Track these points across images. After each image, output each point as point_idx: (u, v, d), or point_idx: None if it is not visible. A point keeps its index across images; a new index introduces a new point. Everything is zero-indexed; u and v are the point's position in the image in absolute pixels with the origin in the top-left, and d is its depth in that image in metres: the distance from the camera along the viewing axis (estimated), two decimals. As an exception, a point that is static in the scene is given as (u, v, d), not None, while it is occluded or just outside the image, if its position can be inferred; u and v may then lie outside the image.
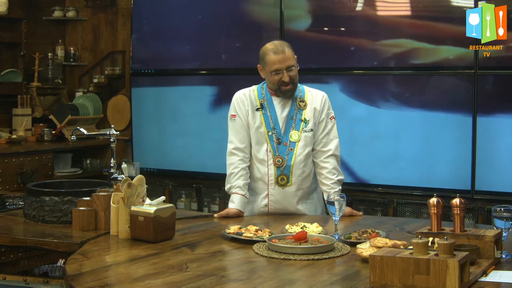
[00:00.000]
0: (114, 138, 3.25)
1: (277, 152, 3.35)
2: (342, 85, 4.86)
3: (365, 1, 4.79)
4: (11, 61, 5.88)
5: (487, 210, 4.38)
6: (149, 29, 5.75)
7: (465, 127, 4.46)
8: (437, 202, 2.39)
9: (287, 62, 3.27)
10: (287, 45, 3.34)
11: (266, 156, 3.36)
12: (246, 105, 3.38)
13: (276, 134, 3.35)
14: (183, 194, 5.65)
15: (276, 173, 3.35)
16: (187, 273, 2.22)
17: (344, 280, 2.15)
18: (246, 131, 3.38)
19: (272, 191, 3.37)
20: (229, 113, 3.44)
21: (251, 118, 3.37)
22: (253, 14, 5.27)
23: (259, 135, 3.36)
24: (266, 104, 3.37)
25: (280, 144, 3.35)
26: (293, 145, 3.35)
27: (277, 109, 3.36)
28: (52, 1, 6.29)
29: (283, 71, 3.27)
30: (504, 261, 2.31)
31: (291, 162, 3.34)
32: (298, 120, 3.36)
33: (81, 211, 2.91)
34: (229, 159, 3.39)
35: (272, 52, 3.28)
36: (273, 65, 3.27)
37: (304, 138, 3.35)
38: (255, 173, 3.40)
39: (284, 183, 3.36)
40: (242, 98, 3.40)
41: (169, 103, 5.67)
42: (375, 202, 4.84)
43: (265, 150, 3.36)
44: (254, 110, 3.37)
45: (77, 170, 6.03)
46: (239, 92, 3.45)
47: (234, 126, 3.41)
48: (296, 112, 3.37)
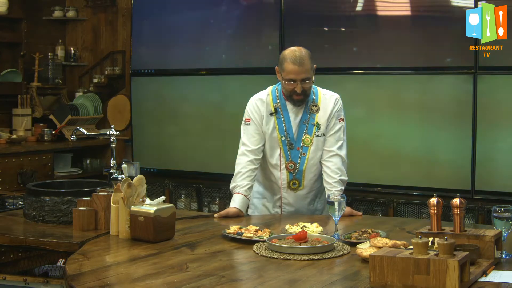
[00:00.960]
0: (114, 138, 3.25)
1: (290, 157, 3.35)
2: (342, 85, 4.86)
3: (365, 1, 4.79)
4: (11, 61, 5.88)
5: (487, 210, 4.38)
6: (149, 29, 5.75)
7: (465, 127, 4.46)
8: (437, 202, 2.39)
9: (303, 74, 3.22)
10: (308, 56, 3.25)
11: (279, 161, 3.37)
12: (262, 111, 3.37)
13: (289, 139, 3.35)
14: (183, 194, 5.65)
15: (288, 178, 3.37)
16: (187, 273, 2.22)
17: (344, 280, 2.15)
18: (260, 135, 3.37)
19: (285, 194, 3.40)
20: (244, 116, 3.43)
21: (266, 123, 3.37)
22: (253, 14, 5.27)
23: (272, 140, 3.37)
24: (280, 109, 3.36)
25: (293, 149, 3.36)
26: (306, 150, 3.35)
27: (290, 114, 3.36)
28: (52, 1, 6.29)
29: (297, 82, 3.24)
30: (504, 261, 2.31)
31: (303, 167, 3.35)
32: (311, 124, 3.35)
33: (81, 211, 2.91)
34: (239, 159, 3.38)
35: (290, 61, 3.22)
36: (289, 74, 3.24)
37: (316, 142, 3.35)
38: (269, 177, 3.42)
39: (296, 187, 3.38)
40: (258, 104, 3.38)
41: (169, 103, 5.67)
42: (375, 202, 4.84)
43: (278, 155, 3.37)
44: (268, 115, 3.37)
45: (77, 170, 6.03)
46: (255, 97, 3.42)
47: (247, 130, 3.40)
48: (309, 116, 3.36)
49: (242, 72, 5.19)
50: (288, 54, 3.25)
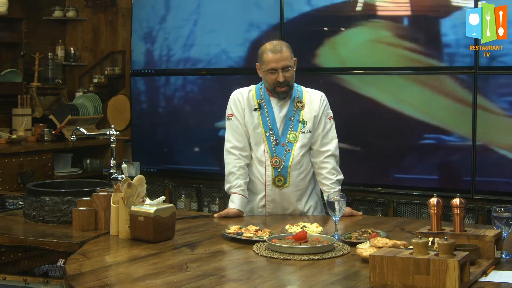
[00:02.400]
0: (114, 138, 3.25)
1: (275, 153, 3.35)
2: (342, 85, 4.86)
3: (365, 1, 4.79)
4: (11, 61, 5.88)
5: (487, 210, 4.38)
6: (149, 29, 5.75)
7: (465, 127, 4.46)
8: (437, 202, 2.39)
9: (283, 62, 3.26)
10: (286, 45, 3.33)
11: (263, 157, 3.36)
12: (243, 105, 3.38)
13: (274, 135, 3.34)
14: (183, 194, 5.65)
15: (273, 174, 3.35)
16: (187, 273, 2.22)
17: (344, 280, 2.15)
18: (244, 130, 3.38)
19: (270, 191, 3.37)
20: (226, 112, 3.45)
21: (248, 118, 3.37)
22: (253, 14, 5.27)
23: (257, 135, 3.36)
24: (264, 104, 3.37)
25: (278, 145, 3.35)
26: (291, 146, 3.35)
27: (275, 110, 3.36)
28: (52, 1, 6.29)
29: (278, 71, 3.26)
30: (504, 261, 2.31)
31: (289, 163, 3.34)
32: (296, 121, 3.36)
33: (81, 211, 2.91)
34: (227, 158, 3.39)
35: (269, 51, 3.27)
36: (269, 64, 3.26)
37: (302, 139, 3.35)
38: (254, 173, 3.40)
39: (281, 184, 3.36)
40: (239, 98, 3.40)
41: (169, 103, 5.67)
42: (375, 202, 4.84)
43: (262, 150, 3.36)
44: (251, 110, 3.37)
45: (77, 170, 6.03)
46: (236, 91, 3.45)
47: (231, 125, 3.41)
48: (294, 112, 3.36)
49: (242, 72, 5.19)
50: (266, 46, 3.32)
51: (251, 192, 3.42)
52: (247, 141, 3.39)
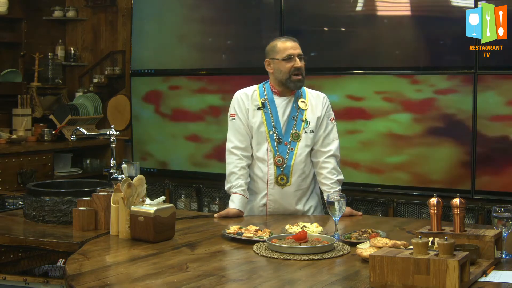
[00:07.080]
0: (114, 138, 3.25)
1: (278, 151, 3.35)
2: (342, 85, 4.86)
3: (365, 1, 4.79)
4: (11, 61, 5.88)
5: (487, 210, 4.38)
6: (149, 29, 5.75)
7: (465, 127, 4.46)
8: (437, 202, 2.39)
9: (299, 50, 3.34)
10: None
11: (266, 155, 3.36)
12: (247, 104, 3.38)
13: (277, 134, 3.35)
14: (183, 194, 5.66)
15: (276, 173, 3.35)
16: (187, 273, 2.22)
17: (344, 280, 2.15)
18: (246, 131, 3.38)
19: (271, 190, 3.38)
20: (229, 112, 3.45)
21: (252, 117, 3.37)
22: (253, 14, 5.27)
23: (260, 134, 3.36)
24: (268, 103, 3.37)
25: (281, 144, 3.35)
26: (294, 145, 3.36)
27: (278, 109, 3.37)
28: (52, 1, 6.30)
29: (295, 57, 3.30)
30: (504, 261, 2.31)
31: (291, 162, 3.34)
32: (299, 120, 3.37)
33: (81, 211, 2.91)
34: (228, 158, 3.40)
35: (284, 40, 3.36)
36: (286, 50, 3.31)
37: (305, 138, 3.36)
38: (256, 172, 3.40)
39: (283, 182, 3.36)
40: (243, 98, 3.41)
41: (169, 103, 5.67)
42: (375, 202, 4.84)
43: (265, 149, 3.36)
44: (255, 109, 3.37)
45: (77, 170, 6.03)
46: (240, 91, 3.46)
47: (233, 125, 3.41)
48: (298, 112, 3.37)
49: (242, 72, 5.19)
50: (278, 39, 3.40)
51: (252, 191, 3.42)
52: (249, 141, 3.39)
